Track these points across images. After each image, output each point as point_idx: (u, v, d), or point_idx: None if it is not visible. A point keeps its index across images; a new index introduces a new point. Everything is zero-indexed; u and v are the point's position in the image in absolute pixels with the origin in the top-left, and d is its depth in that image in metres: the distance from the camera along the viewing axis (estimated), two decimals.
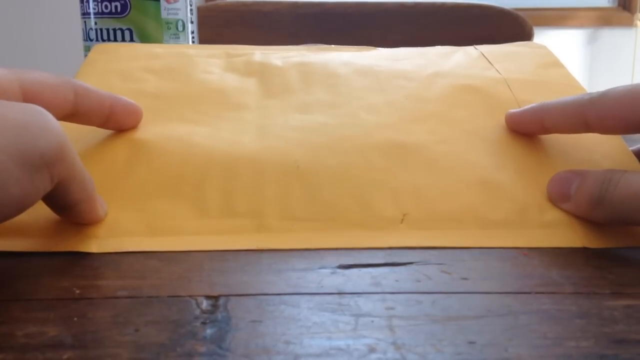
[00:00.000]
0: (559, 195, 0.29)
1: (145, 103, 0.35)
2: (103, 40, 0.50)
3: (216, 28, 0.95)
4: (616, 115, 0.29)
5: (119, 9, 0.49)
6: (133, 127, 0.33)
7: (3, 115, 0.21)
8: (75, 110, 0.29)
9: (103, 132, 0.33)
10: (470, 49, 0.44)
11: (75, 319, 0.20)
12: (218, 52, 0.42)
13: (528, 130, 0.33)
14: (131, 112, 0.32)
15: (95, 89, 0.30)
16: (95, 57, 0.40)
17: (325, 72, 0.39)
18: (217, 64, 0.40)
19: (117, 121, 0.32)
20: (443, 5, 0.96)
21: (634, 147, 0.34)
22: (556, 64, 0.41)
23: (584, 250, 0.27)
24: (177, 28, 0.51)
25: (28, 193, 0.21)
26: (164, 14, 0.50)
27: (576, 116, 0.30)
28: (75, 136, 0.32)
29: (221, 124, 0.34)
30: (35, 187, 0.22)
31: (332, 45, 0.45)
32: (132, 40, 0.50)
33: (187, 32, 0.52)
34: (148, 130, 0.33)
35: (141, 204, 0.29)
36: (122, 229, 0.27)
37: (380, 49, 0.45)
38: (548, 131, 0.33)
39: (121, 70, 0.38)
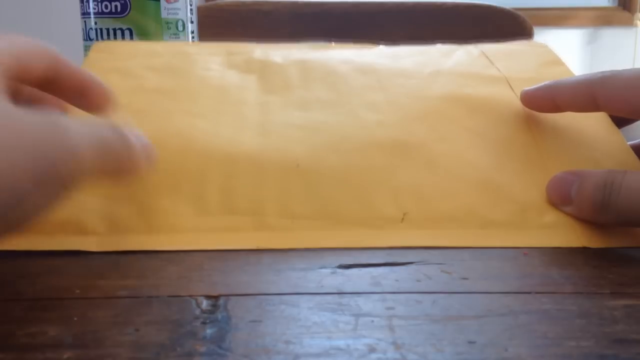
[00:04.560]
0: (559, 198, 0.29)
1: (145, 98, 0.35)
2: (103, 40, 0.50)
3: (216, 28, 0.95)
4: (623, 97, 0.29)
5: (119, 9, 0.49)
6: (103, 108, 0.31)
7: (22, 132, 0.21)
8: (56, 75, 0.28)
9: None
10: (471, 48, 0.44)
11: (75, 318, 0.20)
12: (218, 50, 0.42)
13: (540, 107, 0.34)
14: (103, 92, 0.31)
15: (71, 62, 0.29)
16: (95, 55, 0.40)
17: (326, 69, 0.39)
18: (217, 62, 0.40)
19: (90, 98, 0.30)
20: (443, 5, 0.96)
21: (634, 142, 0.34)
22: (557, 62, 0.41)
23: (584, 250, 0.27)
24: (177, 28, 0.51)
25: (42, 209, 0.21)
26: (164, 14, 0.50)
27: (586, 94, 0.31)
28: None
29: (221, 119, 0.34)
30: (49, 203, 0.22)
31: (333, 43, 0.45)
32: (132, 40, 0.50)
33: (187, 32, 0.52)
34: (147, 126, 0.33)
35: (141, 201, 0.29)
36: (122, 226, 0.27)
37: (380, 46, 0.44)
38: (559, 109, 0.33)
39: (121, 68, 0.38)
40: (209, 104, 0.35)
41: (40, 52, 0.28)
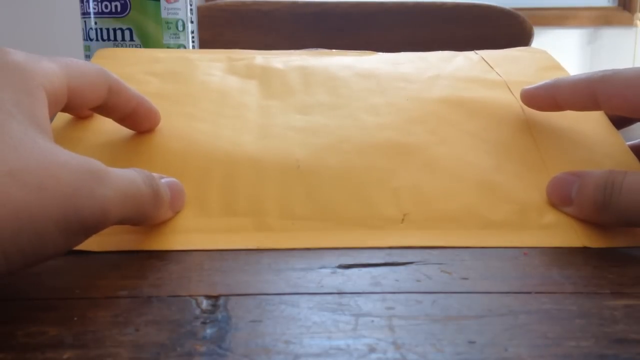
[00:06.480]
0: (560, 199, 0.29)
1: None
2: (103, 40, 0.50)
3: (216, 28, 0.95)
4: (623, 95, 0.29)
5: (119, 9, 0.49)
6: (147, 131, 0.32)
7: (59, 178, 0.21)
8: (103, 104, 0.29)
9: (104, 131, 0.33)
10: (470, 54, 0.44)
11: (76, 318, 0.20)
12: (220, 57, 0.42)
13: (541, 105, 0.34)
14: (150, 117, 0.32)
15: (125, 86, 0.30)
16: (98, 62, 0.40)
17: (326, 75, 0.39)
18: (218, 67, 0.40)
19: (134, 122, 0.32)
20: (443, 4, 0.96)
21: (632, 142, 0.34)
22: (557, 67, 0.41)
23: (584, 250, 0.27)
24: (177, 28, 0.51)
25: (61, 252, 0.22)
26: (164, 14, 0.50)
27: (587, 92, 0.31)
28: (78, 135, 0.32)
29: (222, 121, 0.34)
30: (69, 246, 0.22)
31: (334, 50, 0.45)
32: (132, 39, 0.50)
33: (187, 32, 0.52)
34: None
35: None
36: (122, 226, 0.27)
37: (380, 53, 0.45)
38: (560, 107, 0.33)
39: (123, 74, 0.38)
40: (209, 108, 0.35)
41: (94, 78, 0.28)
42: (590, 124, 0.34)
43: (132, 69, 0.39)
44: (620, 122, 0.35)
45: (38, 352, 0.18)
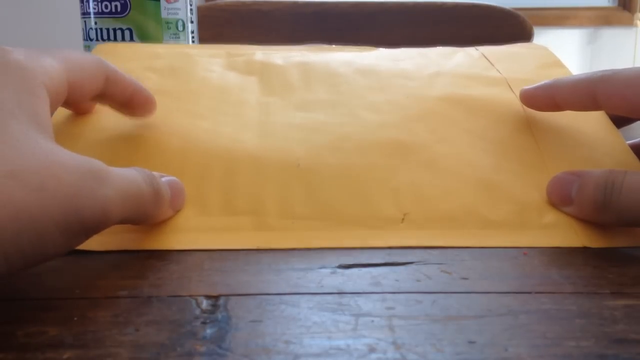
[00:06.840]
0: (560, 198, 0.29)
1: None
2: (103, 40, 0.50)
3: (216, 28, 0.95)
4: (623, 95, 0.29)
5: (119, 9, 0.49)
6: (143, 117, 0.33)
7: (60, 179, 0.21)
8: (100, 94, 0.29)
9: (104, 127, 0.33)
10: (471, 50, 0.44)
11: (76, 318, 0.20)
12: (219, 52, 0.42)
13: (540, 106, 0.34)
14: (146, 105, 0.32)
15: (122, 75, 0.30)
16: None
17: (326, 71, 0.39)
18: (218, 63, 0.40)
19: (130, 109, 0.32)
20: (443, 4, 0.96)
21: (632, 141, 0.34)
22: (557, 64, 0.41)
23: (584, 250, 0.27)
24: (177, 28, 0.51)
25: (61, 252, 0.22)
26: (164, 14, 0.50)
27: (586, 93, 0.31)
28: (77, 132, 0.32)
29: (222, 119, 0.34)
30: (69, 247, 0.22)
31: (334, 45, 0.45)
32: (132, 40, 0.50)
33: (187, 32, 0.52)
34: (148, 126, 0.33)
35: None
36: (122, 225, 0.27)
37: (381, 49, 0.45)
38: (559, 107, 0.33)
39: (123, 69, 0.38)
40: (209, 105, 0.35)
41: (92, 70, 0.28)
42: (591, 123, 0.34)
43: (132, 64, 0.39)
44: (619, 121, 0.35)
45: (38, 352, 0.18)
